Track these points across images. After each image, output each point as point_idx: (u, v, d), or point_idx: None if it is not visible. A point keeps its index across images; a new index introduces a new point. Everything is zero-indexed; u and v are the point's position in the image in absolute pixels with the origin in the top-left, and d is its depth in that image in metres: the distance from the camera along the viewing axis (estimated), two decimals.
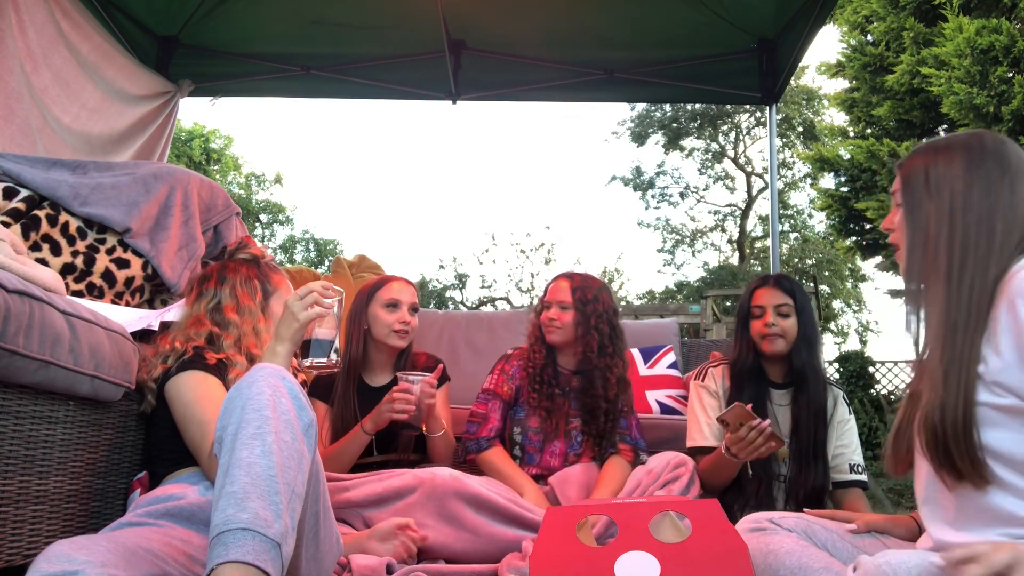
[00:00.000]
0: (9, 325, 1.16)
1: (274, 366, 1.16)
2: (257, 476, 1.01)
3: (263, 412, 1.07)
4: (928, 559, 0.87)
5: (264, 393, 1.09)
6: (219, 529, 0.96)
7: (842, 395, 2.08)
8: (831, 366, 8.11)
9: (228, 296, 1.67)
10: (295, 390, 1.14)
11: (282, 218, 18.67)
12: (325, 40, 3.94)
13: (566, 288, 2.17)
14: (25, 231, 1.84)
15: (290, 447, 1.06)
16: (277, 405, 1.09)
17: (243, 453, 1.02)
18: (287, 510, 1.01)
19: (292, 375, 1.17)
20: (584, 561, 1.17)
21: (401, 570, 1.58)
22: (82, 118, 3.23)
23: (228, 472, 1.01)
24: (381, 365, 2.20)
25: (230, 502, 0.98)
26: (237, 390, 1.11)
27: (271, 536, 0.97)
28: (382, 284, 2.20)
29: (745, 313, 2.07)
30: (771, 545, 1.15)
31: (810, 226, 17.11)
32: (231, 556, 0.94)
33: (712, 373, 2.13)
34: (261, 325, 1.67)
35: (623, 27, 3.80)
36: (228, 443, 1.05)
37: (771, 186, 4.02)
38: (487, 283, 17.74)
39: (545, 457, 2.12)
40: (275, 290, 1.74)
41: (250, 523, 0.96)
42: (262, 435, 1.04)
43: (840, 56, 7.76)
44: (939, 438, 1.03)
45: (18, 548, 1.28)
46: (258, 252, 1.80)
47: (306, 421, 1.12)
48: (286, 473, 1.04)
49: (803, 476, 1.94)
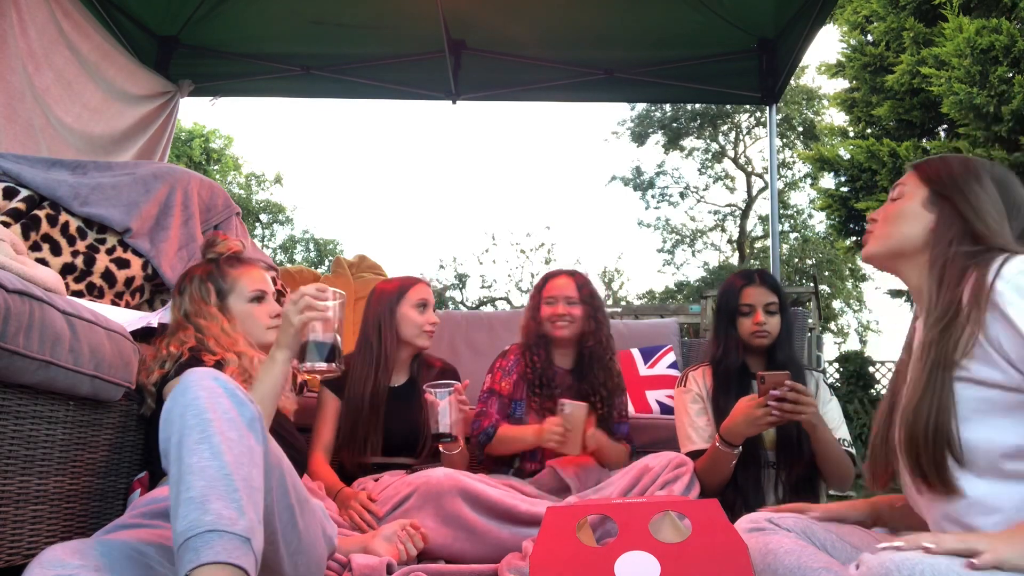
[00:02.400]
0: (9, 325, 1.16)
1: (205, 369, 1.14)
2: (212, 478, 0.99)
3: (203, 416, 1.05)
4: (933, 558, 0.87)
5: (200, 397, 1.07)
6: (185, 535, 0.95)
7: (821, 378, 2.14)
8: (831, 366, 8.11)
9: (188, 303, 1.69)
10: (231, 387, 1.12)
11: (282, 218, 18.68)
12: (325, 40, 3.94)
13: (571, 284, 2.23)
14: (25, 231, 1.84)
15: (238, 444, 1.05)
16: (216, 406, 1.07)
17: (192, 459, 1.01)
18: (249, 504, 1.00)
19: (226, 375, 1.15)
20: (584, 561, 1.17)
21: (401, 570, 1.58)
22: (84, 118, 3.23)
23: (181, 480, 1.00)
24: (399, 365, 2.22)
25: (190, 507, 0.97)
26: (172, 400, 1.09)
27: (238, 532, 0.96)
28: (410, 285, 2.24)
29: (732, 311, 2.08)
30: (770, 545, 1.15)
31: (810, 226, 17.12)
32: (203, 559, 0.92)
33: (692, 376, 2.14)
34: (226, 325, 1.66)
35: (623, 27, 3.80)
36: (175, 453, 1.03)
37: (771, 186, 4.02)
38: (487, 283, 17.77)
39: (546, 452, 2.12)
40: (232, 287, 1.72)
41: (215, 524, 0.95)
42: (207, 438, 1.03)
43: (840, 56, 7.77)
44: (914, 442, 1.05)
45: (18, 548, 1.28)
46: (225, 248, 1.79)
47: (248, 416, 1.10)
48: (240, 469, 1.02)
49: (790, 464, 1.97)
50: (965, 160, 1.22)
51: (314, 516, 1.29)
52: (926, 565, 0.86)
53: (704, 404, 2.08)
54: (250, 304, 1.72)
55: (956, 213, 1.16)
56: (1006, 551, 0.86)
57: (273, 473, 1.13)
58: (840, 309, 16.43)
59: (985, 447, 1.03)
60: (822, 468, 1.95)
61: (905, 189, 1.24)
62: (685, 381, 2.15)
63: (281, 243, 18.84)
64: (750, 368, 2.09)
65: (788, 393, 1.74)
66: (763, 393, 1.76)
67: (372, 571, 1.54)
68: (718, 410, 2.02)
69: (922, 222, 1.18)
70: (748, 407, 1.79)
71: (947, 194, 1.18)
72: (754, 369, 2.08)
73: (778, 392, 1.75)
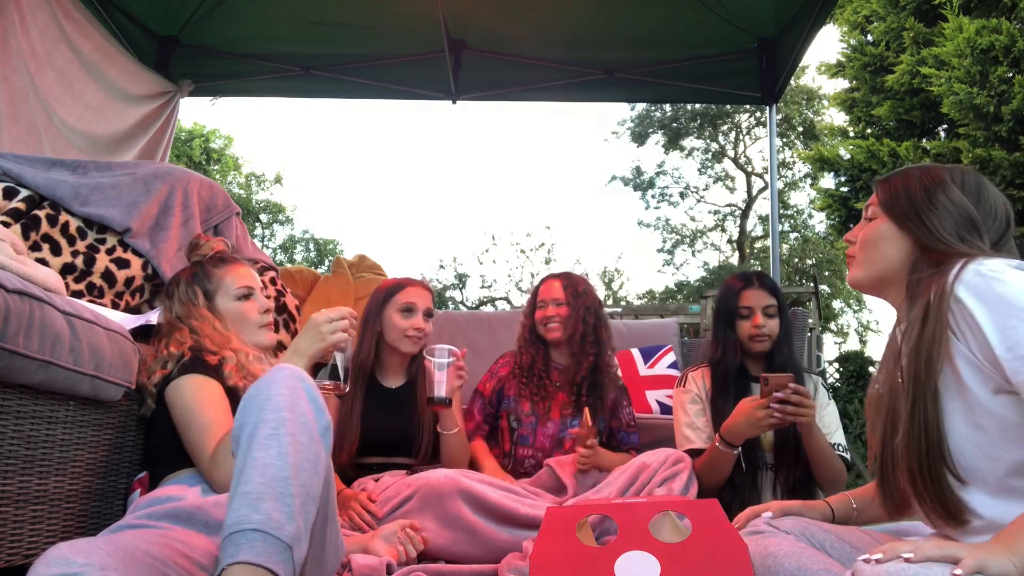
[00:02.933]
0: (9, 325, 1.16)
1: (294, 367, 1.16)
2: (272, 477, 1.01)
3: (281, 413, 1.07)
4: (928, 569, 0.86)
5: (283, 394, 1.09)
6: (231, 529, 0.96)
7: (820, 381, 2.14)
8: (831, 366, 8.11)
9: (178, 306, 1.70)
10: (313, 393, 1.13)
11: (282, 218, 18.66)
12: (325, 40, 3.94)
13: (558, 286, 2.31)
14: (25, 231, 1.84)
15: (306, 449, 1.06)
16: (295, 407, 1.09)
17: (259, 454, 1.02)
18: (300, 512, 1.01)
19: (311, 379, 1.17)
20: (584, 561, 1.17)
21: (401, 570, 1.58)
22: (86, 118, 3.23)
23: (243, 472, 1.01)
24: (394, 368, 2.21)
25: (243, 502, 0.98)
26: (256, 389, 1.11)
27: (283, 538, 0.97)
28: (399, 288, 2.19)
29: (731, 314, 2.08)
30: (770, 548, 1.15)
31: (810, 226, 17.11)
32: (241, 557, 0.93)
33: (692, 377, 2.15)
34: (217, 325, 1.67)
35: (623, 27, 3.80)
36: (244, 443, 1.05)
37: (771, 186, 4.02)
38: (487, 283, 17.76)
39: (538, 439, 2.22)
40: (219, 287, 1.73)
41: (262, 524, 0.96)
42: (279, 436, 1.04)
43: (840, 56, 7.76)
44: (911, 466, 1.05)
45: (18, 548, 1.28)
46: (208, 250, 1.80)
47: (324, 424, 1.12)
48: (301, 475, 1.03)
49: (787, 467, 1.98)
50: (928, 173, 1.18)
51: (336, 526, 1.29)
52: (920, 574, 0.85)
53: (703, 405, 2.09)
54: (238, 302, 1.73)
55: (916, 238, 1.14)
56: (985, 555, 0.85)
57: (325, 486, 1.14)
58: (840, 309, 16.42)
59: (988, 464, 1.01)
60: (814, 471, 1.96)
61: (876, 210, 1.21)
62: (684, 381, 2.16)
63: (281, 243, 18.83)
64: (749, 370, 2.09)
65: (791, 396, 1.75)
66: (766, 395, 1.76)
67: (372, 571, 1.54)
68: (716, 412, 2.02)
69: (898, 243, 1.17)
70: (750, 408, 1.79)
71: (906, 218, 1.15)
72: (753, 371, 2.09)
73: (781, 394, 1.75)
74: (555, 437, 2.21)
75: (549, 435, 2.21)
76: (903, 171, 1.22)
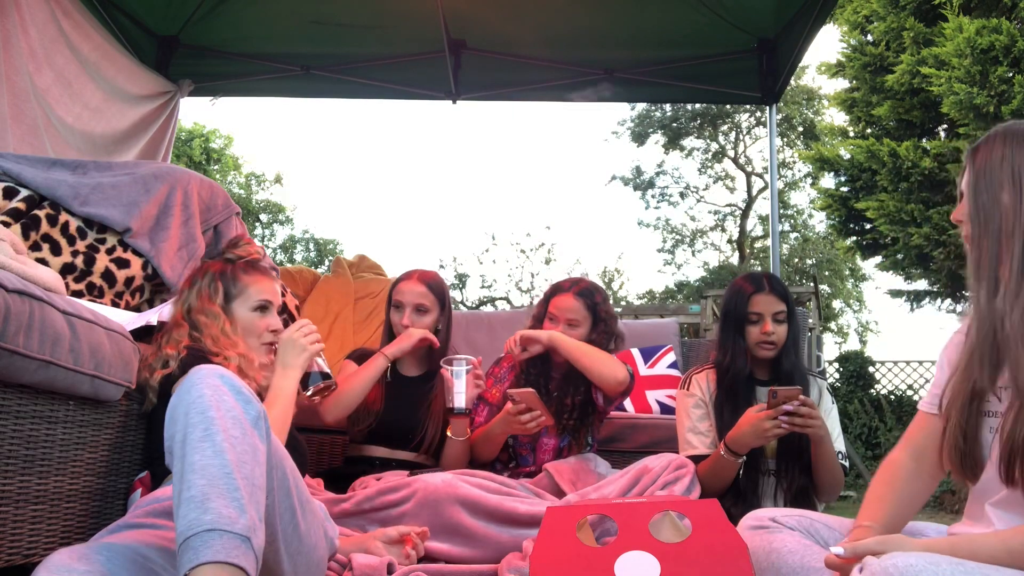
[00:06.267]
0: (9, 325, 1.16)
1: (210, 366, 1.14)
2: (213, 476, 1.00)
3: (207, 413, 1.05)
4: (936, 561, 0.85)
5: (205, 395, 1.08)
6: (185, 535, 0.95)
7: (825, 385, 2.12)
8: (831, 366, 8.11)
9: (195, 297, 1.69)
10: (236, 385, 1.12)
11: (282, 218, 18.64)
12: (325, 40, 3.94)
13: (578, 307, 2.14)
14: (25, 231, 1.84)
15: (241, 442, 1.05)
16: (220, 404, 1.07)
17: (195, 457, 1.01)
18: (251, 503, 1.01)
19: (231, 372, 1.15)
20: (584, 561, 1.17)
21: (401, 570, 1.58)
22: (84, 118, 3.23)
23: (183, 478, 1.00)
24: (408, 357, 2.22)
25: (191, 507, 0.97)
26: (177, 397, 1.09)
27: (238, 531, 0.96)
28: (395, 284, 2.25)
29: (740, 318, 2.03)
30: (774, 544, 1.15)
31: (810, 226, 17.10)
32: (202, 558, 0.93)
33: (696, 380, 2.11)
34: (227, 327, 1.66)
35: (622, 27, 3.80)
36: (178, 451, 1.04)
37: (771, 186, 4.03)
38: (487, 283, 17.74)
39: (538, 455, 2.14)
40: (241, 293, 1.71)
41: (215, 523, 0.95)
42: (211, 436, 1.03)
43: (840, 56, 7.75)
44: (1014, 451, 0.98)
45: (18, 548, 1.28)
46: (245, 253, 1.79)
47: (253, 414, 1.10)
48: (242, 468, 1.03)
49: (789, 474, 1.97)
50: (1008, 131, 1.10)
51: (315, 517, 1.29)
52: (929, 569, 0.85)
53: (707, 409, 2.06)
54: (253, 313, 1.71)
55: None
56: (897, 546, 0.87)
57: (275, 473, 1.13)
58: (840, 309, 16.42)
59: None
60: (816, 479, 1.95)
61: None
62: (688, 384, 2.12)
63: (281, 243, 18.82)
64: (755, 375, 2.07)
65: (800, 408, 1.75)
66: (773, 406, 1.76)
67: (373, 571, 1.54)
68: (721, 418, 2.00)
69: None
70: (756, 419, 1.78)
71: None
72: (759, 376, 2.07)
73: (790, 407, 1.75)
74: (554, 450, 2.15)
75: (548, 449, 2.15)
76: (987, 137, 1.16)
